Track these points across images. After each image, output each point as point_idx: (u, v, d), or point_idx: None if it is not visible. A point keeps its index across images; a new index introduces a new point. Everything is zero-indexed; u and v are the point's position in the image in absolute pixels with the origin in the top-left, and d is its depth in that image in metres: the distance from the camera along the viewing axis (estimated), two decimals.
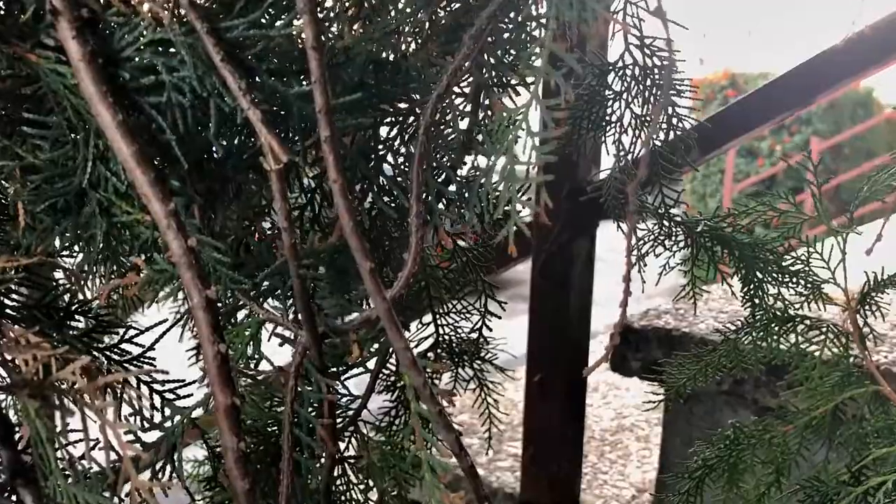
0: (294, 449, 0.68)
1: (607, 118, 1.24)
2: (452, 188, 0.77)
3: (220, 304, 0.71)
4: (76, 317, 0.86)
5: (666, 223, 1.26)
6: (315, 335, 0.67)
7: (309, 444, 0.69)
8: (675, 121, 1.20)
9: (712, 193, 9.05)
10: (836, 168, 8.67)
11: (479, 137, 0.78)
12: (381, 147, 0.78)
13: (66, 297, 0.85)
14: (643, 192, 1.24)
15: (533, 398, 1.95)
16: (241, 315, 0.77)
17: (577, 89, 1.24)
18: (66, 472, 0.61)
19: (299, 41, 0.65)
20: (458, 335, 1.37)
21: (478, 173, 0.76)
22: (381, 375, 1.37)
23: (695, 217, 1.26)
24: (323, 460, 0.77)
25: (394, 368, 1.37)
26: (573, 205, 1.82)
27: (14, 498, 0.60)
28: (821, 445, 1.14)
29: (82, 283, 0.74)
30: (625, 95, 1.22)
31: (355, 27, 0.76)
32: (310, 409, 0.71)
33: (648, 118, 1.20)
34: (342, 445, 1.13)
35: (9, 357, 0.56)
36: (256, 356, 0.74)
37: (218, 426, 0.58)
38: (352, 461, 1.10)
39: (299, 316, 0.67)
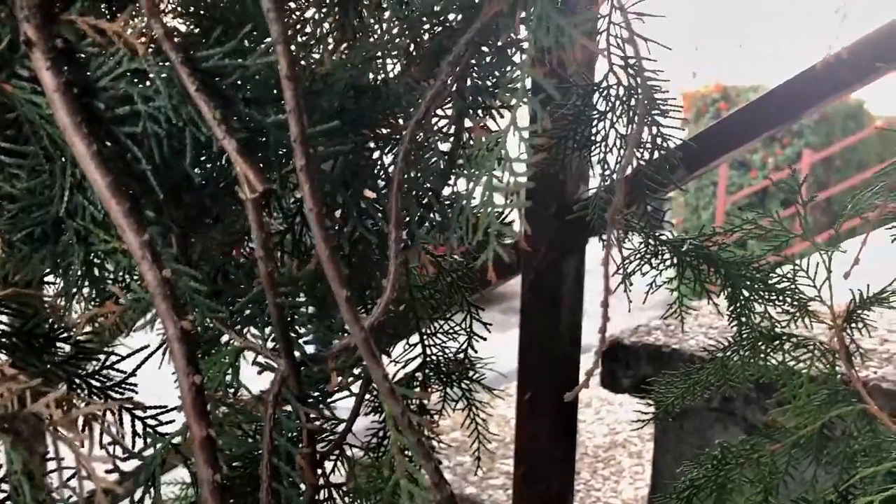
0: (273, 478, 0.68)
1: (592, 138, 1.24)
2: (435, 214, 0.77)
3: (200, 332, 0.71)
4: (57, 344, 0.85)
5: (652, 242, 1.26)
6: (293, 363, 0.67)
7: (288, 473, 0.68)
8: (659, 140, 1.21)
9: (705, 206, 9.07)
10: (827, 180, 8.70)
11: (461, 162, 0.78)
12: (361, 172, 0.78)
13: (48, 325, 0.85)
14: (629, 210, 1.24)
15: (524, 416, 1.94)
16: (222, 342, 0.77)
17: (562, 109, 1.24)
18: (42, 502, 0.61)
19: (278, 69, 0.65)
20: (445, 355, 1.37)
21: (458, 198, 0.75)
22: (367, 397, 1.36)
23: (681, 236, 1.26)
24: (303, 489, 0.76)
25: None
26: (562, 223, 1.82)
27: None
28: (809, 464, 1.13)
29: (63, 311, 0.74)
30: (609, 115, 1.22)
31: (336, 53, 0.76)
32: (290, 437, 0.71)
33: (628, 140, 1.20)
34: (328, 467, 1.12)
35: None
36: (235, 384, 0.74)
37: (195, 457, 0.58)
38: (337, 485, 1.10)
39: (278, 345, 0.67)
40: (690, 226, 9.02)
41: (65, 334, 0.84)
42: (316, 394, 0.76)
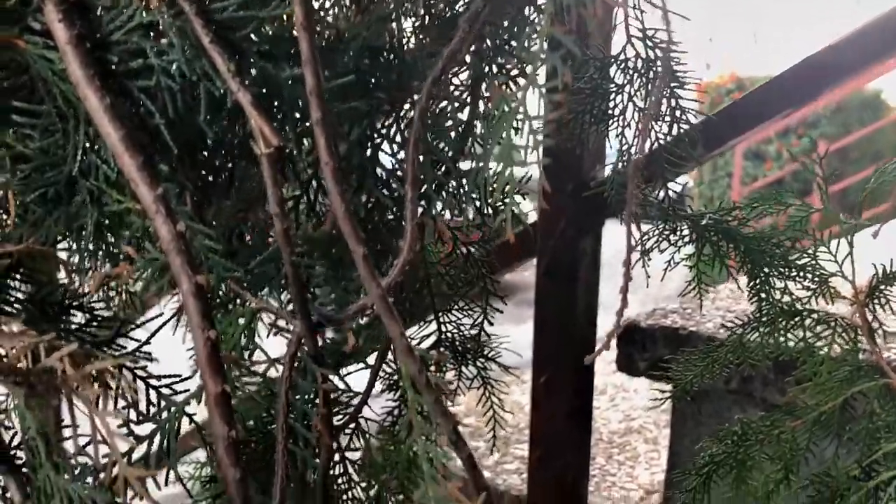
0: (289, 440, 0.67)
1: (610, 111, 1.23)
2: (451, 181, 0.76)
3: (215, 294, 0.70)
4: (72, 311, 0.85)
5: (671, 218, 1.25)
6: (309, 324, 0.66)
7: (304, 436, 0.68)
8: (678, 113, 1.19)
9: (720, 196, 9.02)
10: (843, 170, 8.63)
11: (478, 127, 0.77)
12: (377, 136, 0.77)
13: (62, 292, 0.84)
14: (647, 186, 1.22)
15: (539, 399, 1.93)
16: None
17: (579, 82, 1.23)
18: (58, 464, 0.60)
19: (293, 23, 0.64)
20: (460, 333, 1.36)
21: (476, 159, 0.74)
22: (383, 374, 1.36)
23: (700, 211, 1.24)
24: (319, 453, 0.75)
25: (396, 367, 1.36)
26: (577, 203, 1.81)
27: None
28: (829, 441, 1.12)
29: (77, 275, 0.73)
30: (627, 88, 1.20)
31: (351, 14, 0.75)
32: (307, 399, 0.70)
33: (647, 113, 1.19)
34: (343, 442, 1.11)
35: None
36: (251, 346, 0.73)
37: (209, 413, 0.57)
38: (352, 459, 1.09)
39: (293, 306, 0.66)
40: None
41: (78, 302, 0.83)
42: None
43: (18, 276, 0.83)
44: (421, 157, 0.76)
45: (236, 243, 0.70)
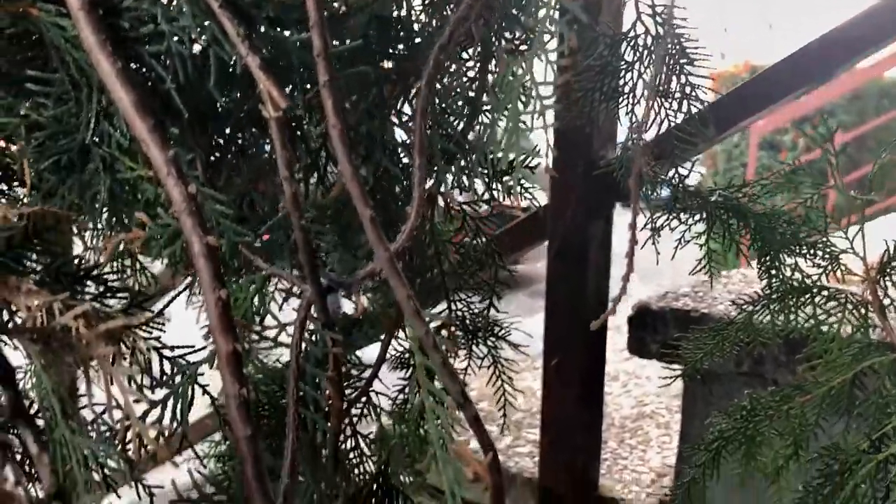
0: (299, 405, 0.68)
1: (620, 89, 1.23)
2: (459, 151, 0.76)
3: (227, 259, 0.71)
4: (87, 282, 0.86)
5: (681, 195, 1.25)
6: (319, 289, 0.67)
7: (315, 399, 0.68)
8: (687, 89, 1.19)
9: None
10: (860, 159, 8.57)
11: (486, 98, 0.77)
12: (385, 106, 0.77)
13: (76, 263, 0.85)
14: (656, 163, 1.22)
15: (551, 383, 1.93)
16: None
17: (589, 59, 1.23)
18: (72, 423, 0.61)
19: None
20: (471, 312, 1.36)
21: (484, 127, 0.75)
22: (395, 352, 1.37)
23: (710, 187, 1.24)
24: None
25: (407, 345, 1.37)
26: (588, 185, 1.81)
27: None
28: (839, 418, 1.12)
29: (90, 242, 0.74)
30: (637, 66, 1.20)
31: None
32: (318, 362, 0.71)
33: (659, 89, 1.19)
34: (355, 419, 1.12)
35: (11, 302, 0.56)
36: (262, 311, 0.74)
37: (220, 373, 0.58)
38: (363, 434, 1.10)
39: (303, 271, 0.67)
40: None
41: (93, 273, 0.85)
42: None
43: (34, 247, 0.84)
44: (430, 128, 0.76)
45: (247, 210, 0.71)
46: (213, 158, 0.69)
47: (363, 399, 1.06)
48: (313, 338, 0.73)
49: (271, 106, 0.59)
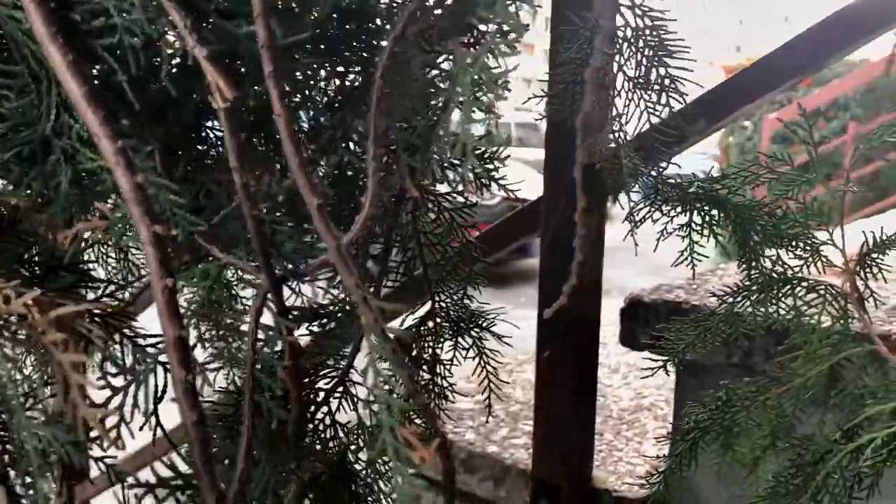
0: (254, 393, 0.69)
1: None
2: (418, 140, 0.77)
3: (185, 247, 0.72)
4: (60, 272, 0.87)
5: (661, 187, 1.25)
6: (273, 279, 0.68)
7: (270, 386, 0.70)
8: (667, 82, 1.19)
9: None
10: (872, 154, 8.51)
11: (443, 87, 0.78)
12: (347, 97, 0.78)
13: (49, 253, 0.87)
14: (634, 155, 1.23)
15: (543, 375, 1.94)
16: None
17: (569, 52, 1.23)
18: (27, 408, 0.63)
19: None
20: (455, 303, 1.37)
21: (439, 117, 0.76)
22: None
23: (688, 178, 1.24)
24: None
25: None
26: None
27: None
28: (817, 409, 1.12)
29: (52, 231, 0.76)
30: (617, 58, 1.21)
31: None
32: (276, 353, 0.72)
33: (639, 81, 1.19)
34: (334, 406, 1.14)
35: None
36: (219, 300, 0.75)
37: (168, 358, 0.59)
38: (342, 423, 1.11)
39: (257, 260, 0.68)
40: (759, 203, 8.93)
41: (67, 262, 0.86)
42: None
43: (9, 239, 0.85)
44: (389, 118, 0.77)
45: (204, 200, 0.72)
46: (171, 145, 0.69)
47: (340, 388, 1.08)
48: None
49: (219, 97, 0.60)
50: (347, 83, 0.77)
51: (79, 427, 0.56)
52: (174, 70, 0.65)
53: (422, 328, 1.39)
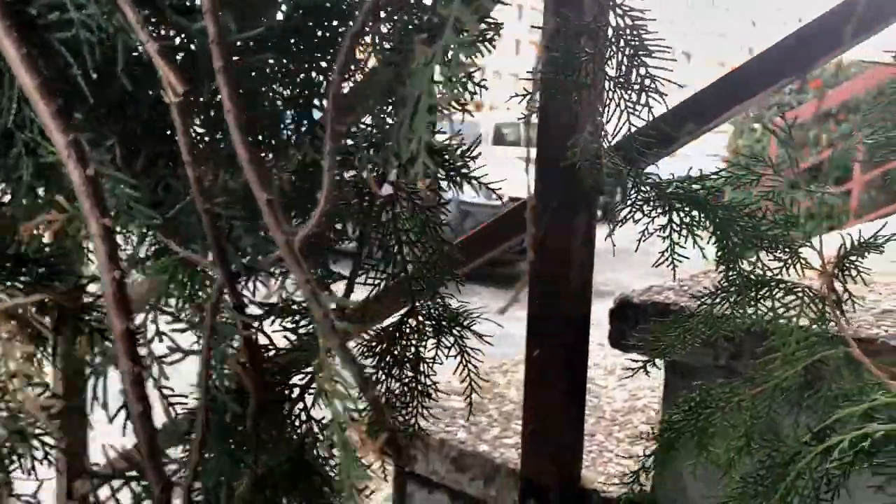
0: (209, 386, 0.70)
1: (583, 81, 1.23)
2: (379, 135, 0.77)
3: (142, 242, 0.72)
4: (30, 265, 0.88)
5: (642, 188, 1.25)
6: (228, 273, 0.68)
7: (223, 381, 0.70)
8: (647, 82, 1.19)
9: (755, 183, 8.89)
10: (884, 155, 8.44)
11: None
12: (312, 93, 0.79)
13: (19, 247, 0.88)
14: (614, 154, 1.23)
15: (532, 374, 1.94)
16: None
17: (553, 51, 1.23)
18: None
19: None
20: (437, 303, 1.38)
21: (398, 114, 0.76)
22: (362, 342, 1.38)
23: (668, 179, 1.24)
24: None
25: (373, 333, 1.39)
26: (572, 177, 1.80)
27: None
28: (791, 410, 1.12)
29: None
30: (597, 58, 1.21)
31: None
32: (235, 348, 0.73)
33: (620, 80, 1.19)
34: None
35: None
36: (178, 294, 0.76)
37: (117, 350, 0.60)
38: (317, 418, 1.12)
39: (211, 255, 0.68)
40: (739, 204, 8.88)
41: (37, 255, 0.87)
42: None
43: None
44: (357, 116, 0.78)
45: (163, 195, 0.73)
46: (130, 139, 0.70)
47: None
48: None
49: (171, 91, 0.60)
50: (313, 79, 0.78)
51: (26, 418, 0.57)
52: (136, 65, 0.65)
53: (402, 327, 1.39)
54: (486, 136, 12.27)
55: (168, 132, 0.73)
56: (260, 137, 0.76)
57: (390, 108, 0.79)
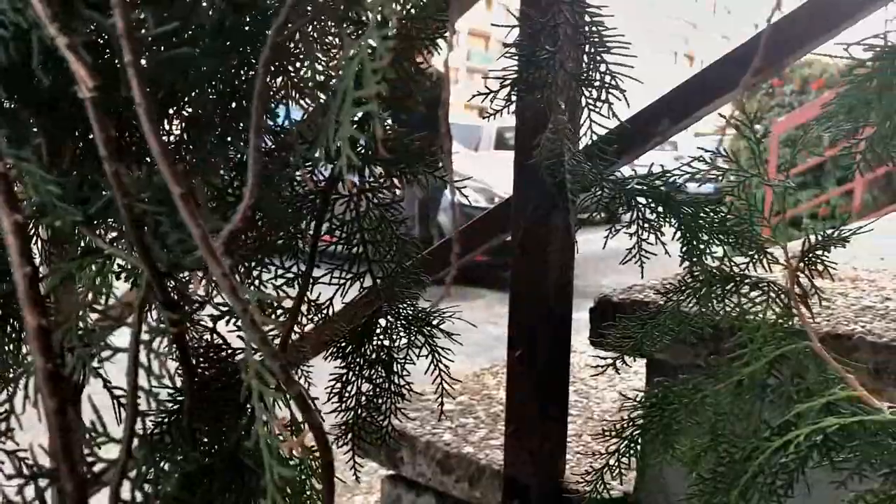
0: (137, 388, 0.69)
1: (543, 78, 1.22)
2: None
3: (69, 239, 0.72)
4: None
5: (606, 186, 1.24)
6: (154, 270, 0.68)
7: (150, 381, 0.70)
8: (608, 78, 1.18)
9: (757, 185, 8.86)
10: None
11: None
12: (246, 92, 0.78)
13: None
14: (576, 153, 1.22)
15: (513, 374, 1.93)
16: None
17: (512, 48, 1.23)
18: None
19: None
20: (406, 303, 1.37)
21: (325, 109, 0.75)
22: (332, 342, 1.38)
23: (629, 175, 1.23)
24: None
25: (342, 333, 1.38)
26: (549, 178, 1.80)
27: None
28: (754, 405, 1.11)
29: None
30: (558, 55, 1.20)
31: None
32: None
33: (582, 78, 1.19)
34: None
35: None
36: (105, 291, 0.75)
37: (30, 347, 0.59)
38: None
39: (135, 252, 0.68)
40: (741, 205, 8.86)
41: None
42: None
43: None
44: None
45: (88, 190, 0.72)
46: (58, 136, 0.70)
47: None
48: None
49: (83, 86, 0.60)
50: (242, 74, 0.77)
51: None
52: (55, 60, 0.65)
53: (371, 327, 1.39)
54: (489, 139, 12.27)
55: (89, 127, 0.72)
56: (187, 135, 0.76)
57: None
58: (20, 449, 0.78)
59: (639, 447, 1.19)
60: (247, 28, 0.76)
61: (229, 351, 0.84)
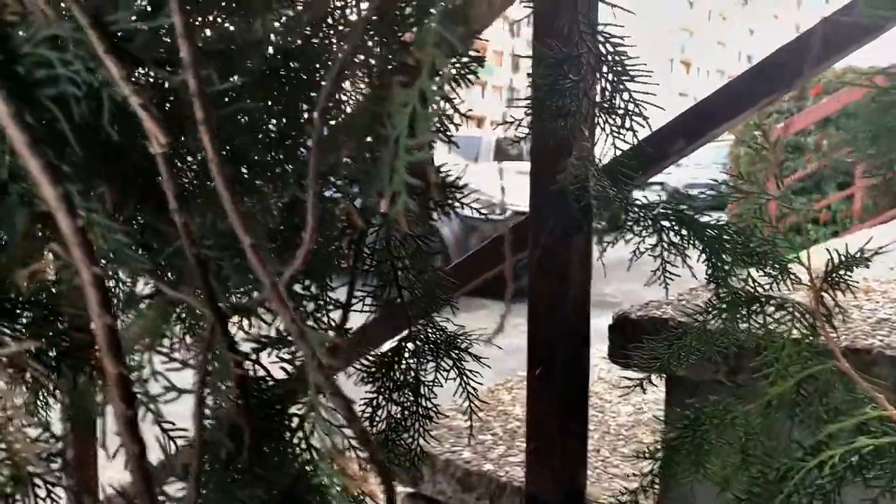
0: (203, 427, 0.71)
1: (567, 107, 1.25)
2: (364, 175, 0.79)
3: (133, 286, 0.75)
4: (28, 307, 0.90)
5: (631, 209, 1.27)
6: (218, 313, 0.70)
7: (218, 416, 0.72)
8: (631, 105, 1.21)
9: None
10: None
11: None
12: (296, 135, 0.81)
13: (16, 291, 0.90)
14: (601, 176, 1.25)
15: (534, 392, 1.95)
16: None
17: (539, 78, 1.26)
18: None
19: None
20: (433, 326, 1.40)
21: (380, 155, 0.78)
22: (362, 367, 1.40)
23: (655, 200, 1.26)
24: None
25: (371, 359, 1.41)
26: (567, 198, 1.83)
27: None
28: (784, 425, 1.13)
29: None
30: (581, 84, 1.23)
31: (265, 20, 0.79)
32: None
33: (605, 105, 1.21)
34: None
35: None
36: (169, 334, 0.78)
37: (109, 395, 0.62)
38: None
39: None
40: (743, 211, 8.89)
41: (33, 300, 0.89)
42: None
43: None
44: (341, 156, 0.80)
45: (150, 238, 0.75)
46: (122, 188, 0.72)
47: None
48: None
49: (155, 143, 0.63)
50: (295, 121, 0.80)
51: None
52: (123, 115, 0.68)
53: (401, 351, 1.41)
54: (488, 150, 12.31)
55: (156, 178, 0.75)
56: (245, 180, 0.78)
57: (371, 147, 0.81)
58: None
59: (670, 468, 1.21)
60: (293, 75, 0.79)
61: (271, 382, 0.87)
